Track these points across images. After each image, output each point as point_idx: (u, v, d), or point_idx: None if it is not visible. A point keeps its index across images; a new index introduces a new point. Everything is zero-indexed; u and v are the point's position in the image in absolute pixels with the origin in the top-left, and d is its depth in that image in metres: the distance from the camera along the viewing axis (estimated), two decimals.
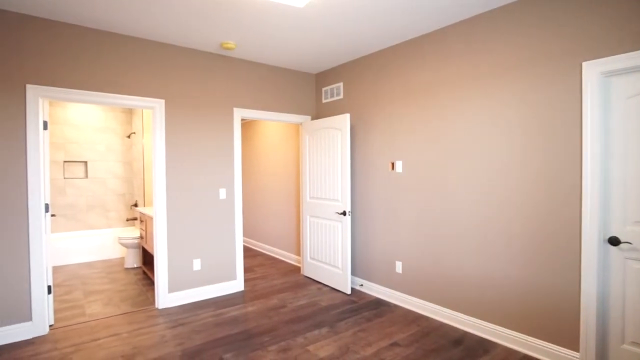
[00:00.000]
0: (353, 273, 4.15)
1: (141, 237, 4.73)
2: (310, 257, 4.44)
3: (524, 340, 2.65)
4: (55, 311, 3.44)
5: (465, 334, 2.95)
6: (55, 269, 4.99)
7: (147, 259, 4.84)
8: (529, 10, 2.58)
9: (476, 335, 2.92)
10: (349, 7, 2.77)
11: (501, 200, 2.77)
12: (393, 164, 3.66)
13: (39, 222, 2.93)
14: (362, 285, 4.02)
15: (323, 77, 4.55)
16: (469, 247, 3.00)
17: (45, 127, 3.06)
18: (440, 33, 3.17)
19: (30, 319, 2.92)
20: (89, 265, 5.22)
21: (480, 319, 2.93)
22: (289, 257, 5.29)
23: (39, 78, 2.94)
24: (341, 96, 4.27)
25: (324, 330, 3.03)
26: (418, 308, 3.41)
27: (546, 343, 2.54)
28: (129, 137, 6.24)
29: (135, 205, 6.09)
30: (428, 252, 3.33)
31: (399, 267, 3.61)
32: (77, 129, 5.83)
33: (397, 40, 3.48)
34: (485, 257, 2.89)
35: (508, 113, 2.72)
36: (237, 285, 4.00)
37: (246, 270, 4.87)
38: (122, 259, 5.56)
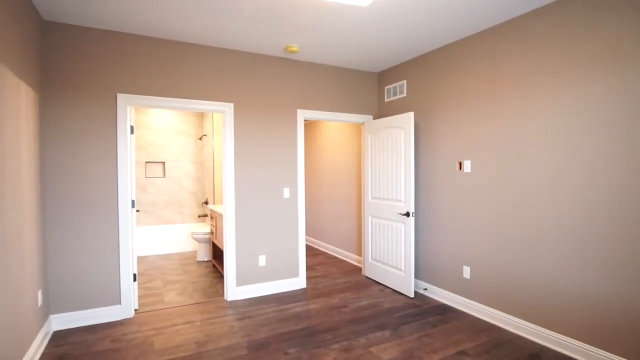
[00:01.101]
0: (416, 276, 4.03)
1: (211, 233, 5.05)
2: (372, 258, 4.39)
3: None
4: (139, 297, 3.80)
5: (543, 348, 2.72)
6: (138, 259, 5.51)
7: (217, 253, 5.15)
8: None
9: (555, 351, 2.67)
10: (414, 3, 2.69)
11: (587, 203, 2.50)
12: (460, 163, 3.48)
13: (127, 217, 3.26)
14: (425, 289, 3.89)
15: (385, 76, 4.48)
16: (549, 254, 2.75)
17: (132, 131, 3.39)
18: (515, 23, 2.95)
19: (119, 302, 3.26)
20: (165, 257, 5.70)
21: (562, 334, 2.67)
22: (349, 257, 5.30)
23: (127, 87, 3.27)
24: (404, 94, 4.17)
25: (387, 332, 2.98)
26: (488, 317, 3.21)
27: None
28: (200, 139, 6.69)
29: (206, 202, 6.51)
30: (501, 257, 3.11)
31: (466, 272, 3.42)
32: (156, 133, 6.39)
33: (463, 34, 3.31)
34: (568, 265, 2.63)
35: (593, 110, 2.45)
36: (299, 282, 4.10)
37: (308, 268, 4.96)
38: (195, 252, 5.98)
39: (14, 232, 2.21)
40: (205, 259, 5.38)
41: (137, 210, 3.39)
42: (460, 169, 3.49)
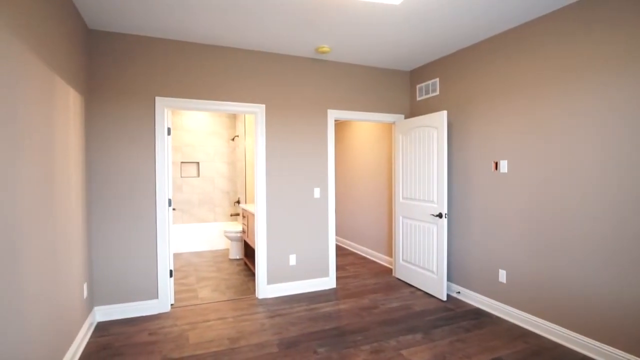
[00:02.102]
0: (448, 279, 3.93)
1: (243, 232, 5.16)
2: (403, 259, 4.33)
3: None
4: (175, 292, 3.95)
5: (585, 358, 2.58)
6: (174, 256, 5.72)
7: (248, 252, 5.25)
8: None
9: None
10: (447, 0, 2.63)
11: (638, 207, 2.35)
12: (496, 163, 3.37)
13: (164, 215, 3.40)
14: (459, 292, 3.79)
15: (417, 74, 4.40)
16: (595, 259, 2.60)
17: (169, 132, 3.53)
18: (556, 15, 2.81)
19: (157, 297, 3.40)
20: (199, 254, 5.88)
21: (608, 344, 2.52)
22: (379, 258, 5.25)
23: (164, 91, 3.40)
24: (437, 92, 4.08)
25: (418, 335, 2.93)
26: (525, 323, 3.08)
27: None
28: (232, 139, 6.85)
29: (238, 202, 6.66)
30: (540, 261, 2.98)
31: (502, 276, 3.30)
32: (191, 134, 6.60)
33: (499, 29, 3.20)
34: (618, 271, 2.47)
35: None
36: (329, 282, 4.11)
37: (338, 268, 4.96)
38: (227, 250, 6.13)
39: (62, 227, 2.36)
40: (237, 257, 5.50)
41: (174, 209, 3.52)
42: (496, 169, 3.37)
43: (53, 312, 2.15)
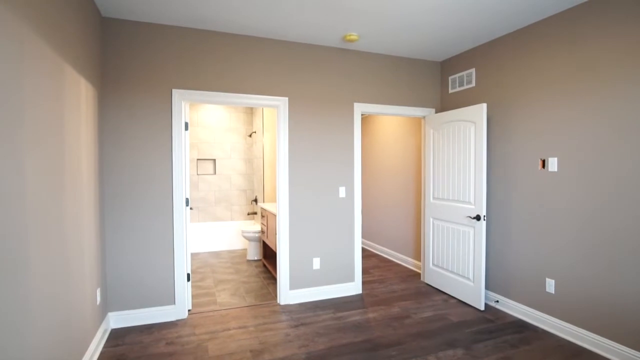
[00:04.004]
0: (486, 287, 3.63)
1: (262, 232, 4.93)
2: (433, 264, 4.04)
3: None
4: (192, 296, 3.75)
5: None
6: (190, 257, 5.54)
7: (267, 253, 5.03)
8: None
9: None
10: None
11: None
12: (544, 161, 3.04)
13: (181, 216, 3.19)
14: (497, 301, 3.48)
15: (450, 65, 4.08)
16: None
17: (186, 128, 3.31)
18: None
19: (173, 302, 3.20)
20: (216, 254, 5.69)
21: None
22: (405, 261, 4.96)
23: (182, 83, 3.18)
24: (473, 84, 3.76)
25: (459, 351, 2.64)
26: (579, 339, 2.76)
27: None
28: (250, 136, 6.63)
29: (255, 200, 6.44)
30: (597, 271, 2.66)
31: (550, 285, 2.99)
32: (207, 130, 6.41)
33: (546, 13, 2.86)
34: None
35: None
36: (355, 287, 3.84)
37: (362, 271, 4.68)
38: (245, 250, 5.93)
39: (73, 229, 2.15)
40: (256, 258, 5.29)
41: (191, 208, 3.30)
42: (543, 167, 3.05)
43: (64, 319, 1.94)
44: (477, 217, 3.38)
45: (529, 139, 3.16)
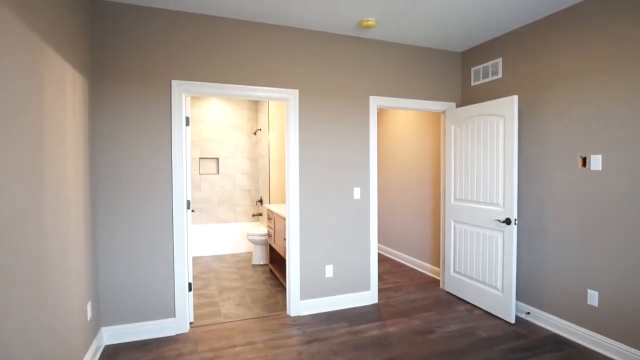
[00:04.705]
0: (516, 297, 3.31)
1: (269, 235, 4.63)
2: (455, 271, 3.73)
3: None
4: (194, 306, 3.45)
5: None
6: (192, 261, 5.25)
7: (274, 257, 4.73)
8: None
9: None
10: None
11: None
12: (584, 159, 2.73)
13: (181, 220, 2.89)
14: (528, 313, 3.17)
15: (472, 55, 3.77)
16: None
17: (187, 123, 3.01)
18: None
19: (174, 315, 2.90)
20: (219, 258, 5.39)
21: None
22: (421, 266, 4.65)
23: (182, 73, 2.88)
24: (499, 75, 3.45)
25: None
26: (626, 359, 2.45)
27: None
28: (255, 133, 6.34)
29: (260, 201, 6.15)
30: None
31: (592, 297, 2.67)
32: (210, 127, 6.12)
33: None
34: None
35: None
36: (370, 296, 3.54)
37: None
38: (249, 253, 5.64)
39: (55, 238, 1.86)
40: (262, 263, 4.99)
41: (192, 211, 3.01)
42: (584, 165, 2.73)
43: (44, 342, 1.65)
44: (507, 221, 3.07)
45: (566, 135, 2.85)
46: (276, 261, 4.69)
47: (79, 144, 2.27)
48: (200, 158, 6.08)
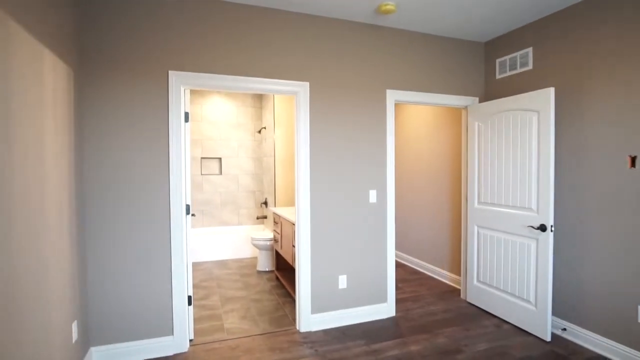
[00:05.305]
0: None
1: (275, 240, 4.33)
2: (478, 280, 3.42)
3: None
4: (195, 320, 3.16)
5: None
6: (193, 266, 4.96)
7: (281, 263, 4.43)
8: None
9: None
10: None
11: None
12: (634, 158, 2.41)
13: (180, 225, 2.60)
14: (564, 329, 2.85)
15: (496, 45, 3.45)
16: None
17: (186, 119, 2.72)
18: None
19: (171, 333, 2.61)
20: (222, 264, 5.10)
21: None
22: (438, 274, 4.34)
23: (181, 64, 2.59)
24: (529, 66, 3.13)
25: None
26: None
27: None
28: (259, 132, 6.04)
29: (265, 203, 5.85)
30: None
31: None
32: (212, 126, 5.83)
33: None
34: None
35: None
36: (387, 309, 3.24)
37: None
38: (254, 259, 5.34)
39: (28, 251, 1.57)
40: (267, 269, 4.69)
41: (193, 215, 2.72)
42: (633, 165, 2.42)
43: None
44: (542, 228, 2.76)
45: (611, 132, 2.53)
46: (283, 268, 4.39)
47: (63, 139, 1.98)
48: (202, 158, 5.79)
